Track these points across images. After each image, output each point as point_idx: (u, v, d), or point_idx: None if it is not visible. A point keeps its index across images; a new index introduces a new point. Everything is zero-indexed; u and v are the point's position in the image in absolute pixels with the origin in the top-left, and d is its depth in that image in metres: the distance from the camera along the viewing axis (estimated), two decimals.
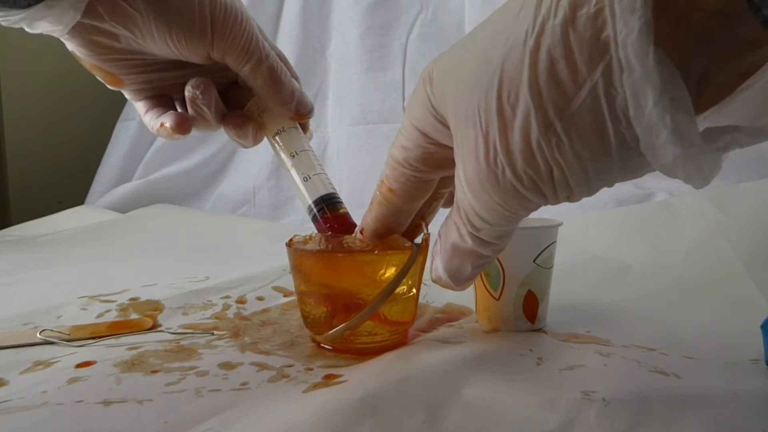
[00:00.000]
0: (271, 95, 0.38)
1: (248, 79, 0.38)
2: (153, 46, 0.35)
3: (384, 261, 0.37)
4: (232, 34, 0.35)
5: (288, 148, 0.42)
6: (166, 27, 0.34)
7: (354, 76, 1.09)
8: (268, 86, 0.38)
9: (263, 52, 0.37)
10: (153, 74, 0.39)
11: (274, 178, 1.17)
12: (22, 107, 1.35)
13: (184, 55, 0.37)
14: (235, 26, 0.35)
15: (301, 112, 0.40)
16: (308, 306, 0.40)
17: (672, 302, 0.51)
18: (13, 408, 0.31)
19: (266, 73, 0.37)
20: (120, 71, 0.38)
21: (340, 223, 0.41)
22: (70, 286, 0.59)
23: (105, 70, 0.38)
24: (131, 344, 0.42)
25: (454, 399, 0.31)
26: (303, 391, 0.33)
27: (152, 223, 1.04)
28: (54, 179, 1.41)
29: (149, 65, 0.39)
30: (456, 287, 0.31)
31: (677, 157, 0.19)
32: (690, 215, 0.65)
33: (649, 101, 0.19)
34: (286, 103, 0.39)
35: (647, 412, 0.29)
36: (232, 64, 0.37)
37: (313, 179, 0.41)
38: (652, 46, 0.18)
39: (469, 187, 0.25)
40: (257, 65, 0.37)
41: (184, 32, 0.34)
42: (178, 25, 0.34)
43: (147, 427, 0.29)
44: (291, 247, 0.40)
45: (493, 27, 0.23)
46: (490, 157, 0.23)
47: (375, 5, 1.09)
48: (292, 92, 0.39)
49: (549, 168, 0.22)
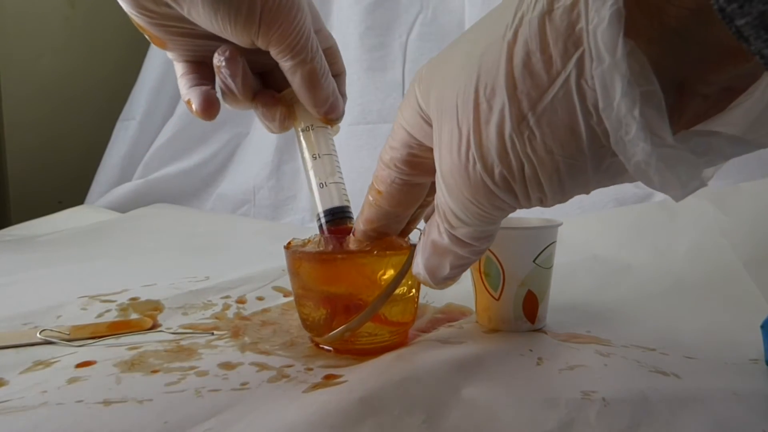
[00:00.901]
0: (305, 96, 0.37)
1: (287, 74, 0.37)
2: (198, 20, 0.34)
3: (383, 262, 0.37)
4: (280, 29, 0.34)
5: (311, 149, 0.41)
6: (212, 6, 0.32)
7: (354, 76, 1.08)
8: (304, 87, 0.37)
9: (310, 52, 0.35)
10: (197, 41, 0.38)
11: (274, 178, 1.17)
12: (22, 107, 1.35)
13: (228, 37, 0.35)
14: (286, 21, 0.34)
15: (330, 117, 0.39)
16: (307, 309, 0.40)
17: (672, 302, 0.51)
18: (13, 408, 0.31)
19: (306, 74, 0.36)
20: (164, 36, 0.37)
21: (344, 236, 0.40)
22: (70, 286, 0.59)
23: (150, 32, 0.37)
24: (131, 344, 0.42)
25: (454, 399, 0.31)
26: (303, 391, 0.33)
27: (152, 223, 1.04)
28: (54, 179, 1.41)
29: (194, 35, 0.37)
30: (434, 286, 0.31)
31: (648, 156, 0.19)
32: (690, 215, 0.65)
33: (617, 92, 0.18)
34: (317, 107, 0.38)
35: (647, 412, 0.29)
36: (275, 55, 0.36)
37: (329, 187, 0.40)
38: (621, 35, 0.18)
39: (444, 182, 0.24)
40: (300, 65, 0.36)
41: (230, 16, 0.33)
42: (226, 7, 0.32)
43: (147, 427, 0.29)
44: (289, 250, 0.40)
45: (480, 25, 0.24)
46: (462, 150, 0.23)
47: (375, 5, 1.09)
48: (327, 97, 0.38)
49: (521, 164, 0.21)
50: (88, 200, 1.33)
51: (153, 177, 1.27)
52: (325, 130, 0.42)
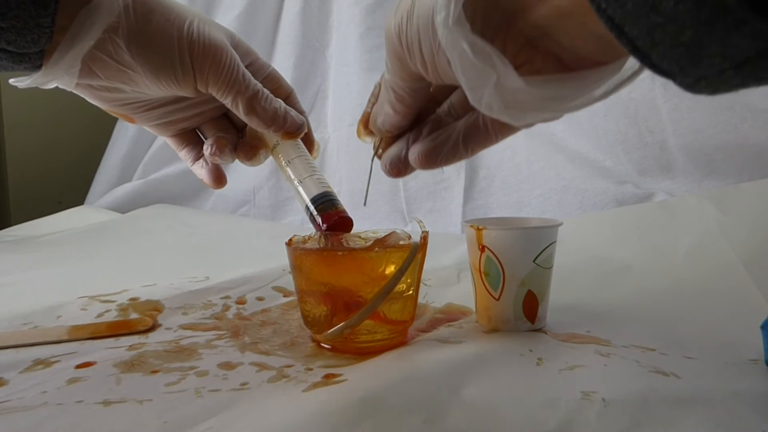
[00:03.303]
0: (253, 122, 0.41)
1: (233, 110, 0.41)
2: (148, 91, 0.39)
3: (383, 258, 0.37)
4: (211, 69, 0.38)
5: (284, 158, 0.44)
6: (153, 75, 0.37)
7: (354, 76, 1.08)
8: (249, 115, 0.40)
9: (243, 83, 0.39)
10: (159, 110, 0.43)
11: (274, 178, 1.17)
12: (22, 108, 1.35)
13: (179, 93, 0.40)
14: (213, 62, 0.38)
15: (289, 131, 0.42)
16: (308, 305, 0.40)
17: (672, 302, 0.51)
18: (13, 408, 0.31)
19: (246, 103, 0.40)
20: (130, 113, 0.43)
21: (334, 220, 0.41)
22: (70, 286, 0.59)
23: (118, 112, 0.43)
24: (131, 344, 0.42)
25: (454, 399, 0.31)
26: (303, 390, 0.33)
27: (152, 223, 1.04)
28: (54, 179, 1.41)
29: (153, 104, 0.43)
30: (378, 132, 0.35)
31: (443, 37, 0.24)
32: (690, 215, 0.65)
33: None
34: (269, 126, 0.41)
35: (647, 412, 0.29)
36: (218, 96, 0.40)
37: (305, 181, 0.43)
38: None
39: (385, 42, 0.31)
40: (237, 97, 0.39)
41: (170, 75, 0.38)
42: (163, 71, 0.37)
43: (147, 427, 0.29)
44: (291, 246, 0.40)
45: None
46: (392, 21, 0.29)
47: (375, 5, 1.09)
48: (273, 116, 0.41)
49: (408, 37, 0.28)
50: (88, 201, 1.33)
51: (153, 177, 1.27)
52: (291, 142, 0.44)
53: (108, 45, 0.36)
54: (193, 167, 0.48)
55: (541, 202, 0.87)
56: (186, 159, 0.48)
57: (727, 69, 0.17)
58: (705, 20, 0.16)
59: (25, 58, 0.35)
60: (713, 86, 0.18)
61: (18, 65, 0.35)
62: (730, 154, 0.72)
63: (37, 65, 0.36)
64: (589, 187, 0.82)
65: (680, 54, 0.17)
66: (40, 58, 0.35)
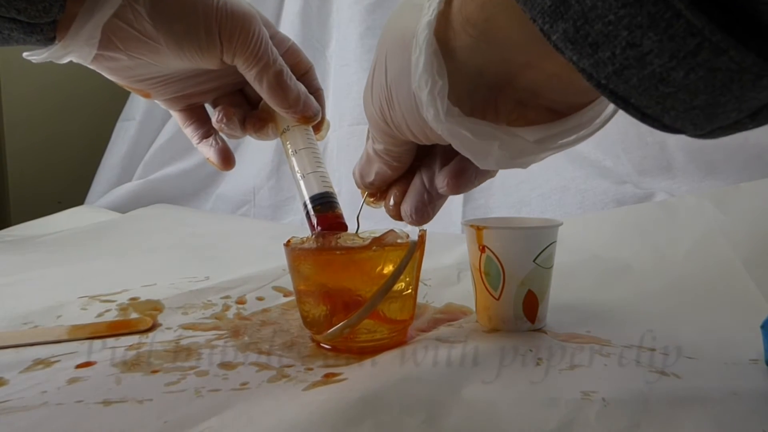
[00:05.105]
0: (274, 100, 0.39)
1: (255, 85, 0.39)
2: (169, 63, 0.37)
3: (382, 257, 0.37)
4: (240, 38, 0.36)
5: (292, 146, 0.43)
6: (176, 44, 0.36)
7: (354, 76, 1.08)
8: (272, 91, 0.39)
9: (270, 57, 0.38)
10: (177, 84, 0.42)
11: (274, 178, 1.17)
12: (23, 107, 1.35)
13: (200, 66, 0.38)
14: (243, 30, 0.36)
15: (307, 115, 0.41)
16: (307, 306, 0.40)
17: (672, 302, 0.51)
18: (13, 408, 0.31)
19: (272, 78, 0.38)
20: (146, 87, 0.41)
21: (329, 223, 0.41)
22: (70, 286, 0.59)
23: (133, 87, 0.41)
24: (131, 344, 0.42)
25: (454, 399, 0.31)
26: (303, 390, 0.33)
27: (152, 223, 1.04)
28: (54, 179, 1.41)
29: (171, 78, 0.41)
30: (365, 188, 0.35)
31: (433, 122, 0.25)
32: (690, 215, 0.65)
33: (419, 75, 0.24)
34: (288, 108, 0.40)
35: (647, 412, 0.29)
36: (242, 68, 0.38)
37: (308, 177, 0.42)
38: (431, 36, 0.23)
39: (365, 109, 0.30)
40: (264, 70, 0.38)
41: (194, 45, 0.36)
42: (188, 42, 0.36)
43: (147, 427, 0.29)
44: (289, 247, 0.40)
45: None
46: (368, 91, 0.29)
47: (375, 5, 1.09)
48: (296, 97, 0.40)
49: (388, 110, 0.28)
50: (88, 200, 1.33)
51: (153, 177, 1.27)
52: (301, 129, 0.43)
53: (128, 13, 0.34)
54: (200, 145, 0.46)
55: (541, 202, 0.87)
56: (192, 137, 0.46)
57: (743, 118, 0.16)
58: (720, 84, 0.15)
59: (37, 29, 0.33)
60: (728, 133, 0.17)
61: (30, 36, 0.34)
62: (730, 154, 0.72)
63: (50, 37, 0.34)
64: (589, 187, 0.82)
65: (694, 115, 0.16)
66: (53, 29, 0.34)
